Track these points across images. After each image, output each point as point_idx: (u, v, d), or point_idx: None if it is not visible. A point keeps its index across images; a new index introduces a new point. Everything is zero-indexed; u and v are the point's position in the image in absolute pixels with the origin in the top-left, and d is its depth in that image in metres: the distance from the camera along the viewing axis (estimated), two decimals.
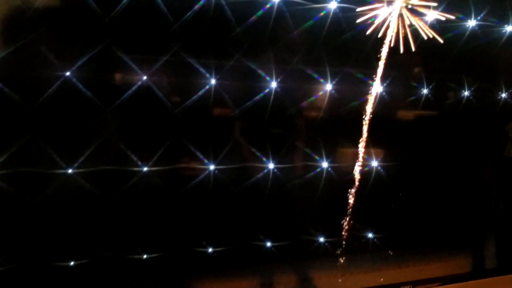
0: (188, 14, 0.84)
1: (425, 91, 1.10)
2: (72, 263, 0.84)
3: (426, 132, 1.14)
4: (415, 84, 1.09)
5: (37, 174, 0.80)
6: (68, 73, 0.78)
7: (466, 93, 1.14)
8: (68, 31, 0.79)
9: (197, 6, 0.85)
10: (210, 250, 0.96)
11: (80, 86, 0.79)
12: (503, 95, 1.20)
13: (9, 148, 0.77)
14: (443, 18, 1.03)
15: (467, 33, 1.09)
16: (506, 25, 1.13)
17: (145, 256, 0.90)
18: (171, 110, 0.87)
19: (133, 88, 0.84)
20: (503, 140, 1.27)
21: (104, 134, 0.83)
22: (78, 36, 0.79)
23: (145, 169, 0.87)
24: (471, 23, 1.09)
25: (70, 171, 0.81)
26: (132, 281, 0.91)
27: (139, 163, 0.86)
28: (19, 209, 0.80)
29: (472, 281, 1.25)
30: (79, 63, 0.79)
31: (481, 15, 1.09)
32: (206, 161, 0.92)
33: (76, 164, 0.81)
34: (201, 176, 0.92)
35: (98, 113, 0.82)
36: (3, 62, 0.74)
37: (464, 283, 1.24)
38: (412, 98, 1.09)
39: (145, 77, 0.84)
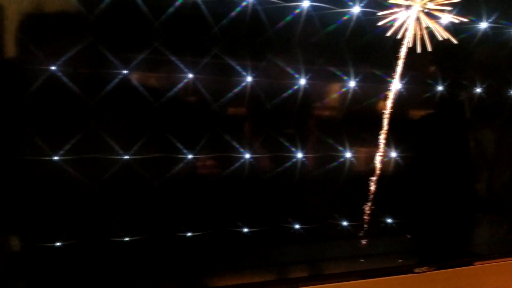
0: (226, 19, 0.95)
1: (440, 88, 1.19)
2: (127, 239, 0.95)
3: (439, 126, 1.24)
4: (430, 81, 1.18)
5: (97, 160, 0.91)
6: (126, 72, 0.89)
7: (478, 90, 1.24)
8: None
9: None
10: (245, 230, 1.06)
11: (135, 83, 0.91)
12: None
13: (74, 137, 0.88)
14: (457, 21, 1.12)
15: (479, 34, 1.18)
16: None
17: (189, 234, 1.01)
18: (211, 105, 0.98)
19: (179, 86, 0.95)
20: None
21: (155, 126, 0.94)
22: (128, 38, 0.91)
23: (190, 156, 0.98)
24: (483, 25, 1.18)
25: (126, 157, 0.92)
26: (179, 254, 1.02)
27: (185, 151, 0.97)
28: (82, 191, 0.91)
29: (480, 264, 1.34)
30: (134, 63, 0.90)
31: (492, 17, 1.19)
32: (242, 150, 1.02)
33: (131, 151, 0.92)
34: (238, 164, 1.02)
35: (148, 107, 0.93)
36: (70, 63, 0.86)
37: (475, 266, 1.33)
38: (428, 94, 1.19)
39: (190, 75, 0.95)
